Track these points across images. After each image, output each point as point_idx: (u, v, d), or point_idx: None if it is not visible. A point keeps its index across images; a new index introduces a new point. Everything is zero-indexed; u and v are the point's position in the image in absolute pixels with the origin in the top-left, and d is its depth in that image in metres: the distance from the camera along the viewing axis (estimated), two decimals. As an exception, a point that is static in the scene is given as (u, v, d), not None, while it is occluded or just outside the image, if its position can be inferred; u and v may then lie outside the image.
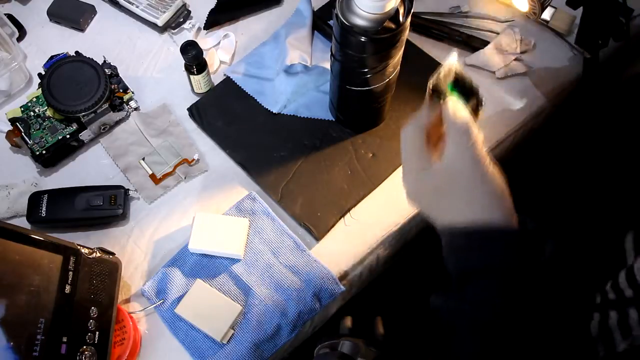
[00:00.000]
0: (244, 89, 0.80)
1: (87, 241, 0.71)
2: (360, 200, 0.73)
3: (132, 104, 0.79)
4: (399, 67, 0.67)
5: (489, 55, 0.80)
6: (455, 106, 0.49)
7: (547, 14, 0.82)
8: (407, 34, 0.61)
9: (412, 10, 0.58)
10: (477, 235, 0.46)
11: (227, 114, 0.79)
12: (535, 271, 0.44)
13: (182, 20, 0.86)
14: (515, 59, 0.81)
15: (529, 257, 0.45)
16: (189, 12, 0.87)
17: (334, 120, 0.78)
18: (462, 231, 0.46)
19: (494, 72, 0.80)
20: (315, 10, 0.85)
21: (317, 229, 0.71)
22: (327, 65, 0.77)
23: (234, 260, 0.69)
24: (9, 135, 0.75)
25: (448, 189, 0.48)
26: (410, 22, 0.59)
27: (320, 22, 0.84)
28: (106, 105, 0.76)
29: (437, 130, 0.51)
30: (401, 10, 0.58)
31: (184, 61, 0.76)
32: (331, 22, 0.67)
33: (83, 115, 0.74)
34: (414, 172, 0.50)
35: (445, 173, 0.48)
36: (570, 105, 0.83)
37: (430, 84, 0.50)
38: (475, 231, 0.46)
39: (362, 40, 0.58)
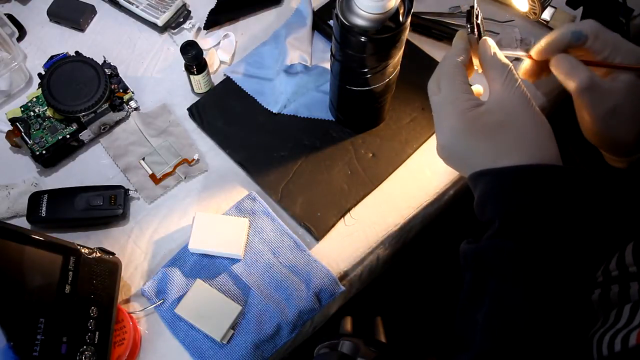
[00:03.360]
0: (244, 89, 0.80)
1: (87, 241, 0.71)
2: (360, 200, 0.73)
3: (132, 104, 0.79)
4: (399, 67, 0.67)
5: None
6: (495, 46, 0.49)
7: (547, 14, 0.82)
8: (407, 34, 0.61)
9: (412, 10, 0.58)
10: (532, 173, 0.44)
11: (227, 114, 0.79)
12: (586, 211, 0.44)
13: (182, 20, 0.86)
14: (516, 59, 0.80)
15: (581, 197, 0.44)
16: (189, 12, 0.87)
17: (334, 120, 0.78)
18: (514, 170, 0.45)
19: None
20: (315, 10, 0.85)
21: (317, 229, 0.71)
22: (327, 65, 0.77)
23: (234, 260, 0.69)
24: (9, 135, 0.75)
25: (501, 127, 0.46)
26: (410, 22, 0.59)
27: (320, 22, 0.84)
28: (106, 105, 0.76)
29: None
30: (401, 10, 0.58)
31: (184, 61, 0.76)
32: (331, 22, 0.67)
33: (83, 115, 0.74)
34: (458, 113, 0.48)
35: (498, 111, 0.47)
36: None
37: (472, 22, 0.51)
38: (531, 169, 0.45)
39: (362, 40, 0.58)
